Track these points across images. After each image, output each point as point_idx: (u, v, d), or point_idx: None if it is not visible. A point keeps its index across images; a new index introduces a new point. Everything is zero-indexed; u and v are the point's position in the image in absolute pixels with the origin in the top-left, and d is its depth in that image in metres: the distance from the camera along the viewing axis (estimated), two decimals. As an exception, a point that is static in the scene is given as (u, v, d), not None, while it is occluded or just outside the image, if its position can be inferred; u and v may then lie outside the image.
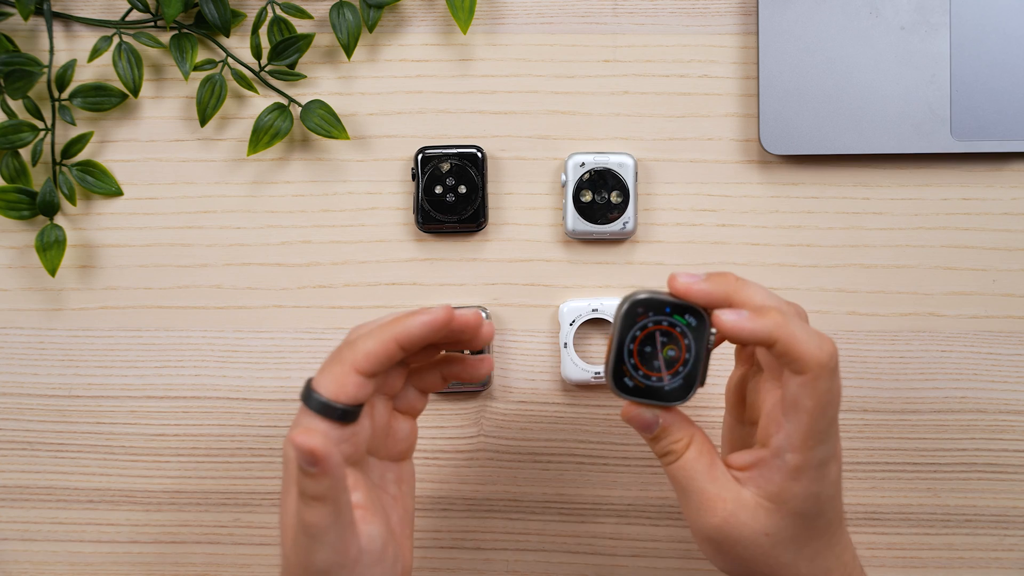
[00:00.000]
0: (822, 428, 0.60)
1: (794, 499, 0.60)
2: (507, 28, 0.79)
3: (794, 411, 0.59)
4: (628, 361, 0.62)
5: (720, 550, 0.62)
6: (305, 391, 0.61)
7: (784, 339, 0.59)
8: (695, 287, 0.61)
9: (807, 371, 0.59)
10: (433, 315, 0.61)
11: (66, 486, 0.81)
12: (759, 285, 0.62)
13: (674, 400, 0.62)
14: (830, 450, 0.61)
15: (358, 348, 0.61)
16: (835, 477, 0.62)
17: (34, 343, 0.81)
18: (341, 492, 0.59)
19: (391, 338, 0.61)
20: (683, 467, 0.62)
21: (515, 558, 0.81)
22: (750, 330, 0.59)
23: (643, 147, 0.79)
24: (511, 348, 0.80)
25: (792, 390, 0.59)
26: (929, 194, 0.79)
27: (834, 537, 0.63)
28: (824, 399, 0.59)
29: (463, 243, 0.80)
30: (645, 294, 0.62)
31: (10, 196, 0.78)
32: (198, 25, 0.78)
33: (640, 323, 0.62)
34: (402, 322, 0.61)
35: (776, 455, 0.60)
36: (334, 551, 0.60)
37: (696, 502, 0.62)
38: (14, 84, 0.76)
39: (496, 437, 0.80)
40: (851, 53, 0.77)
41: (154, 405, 0.81)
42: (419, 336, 0.61)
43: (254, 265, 0.80)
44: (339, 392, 0.61)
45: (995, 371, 0.79)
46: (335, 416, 0.61)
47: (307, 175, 0.80)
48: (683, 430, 0.63)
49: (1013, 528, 0.80)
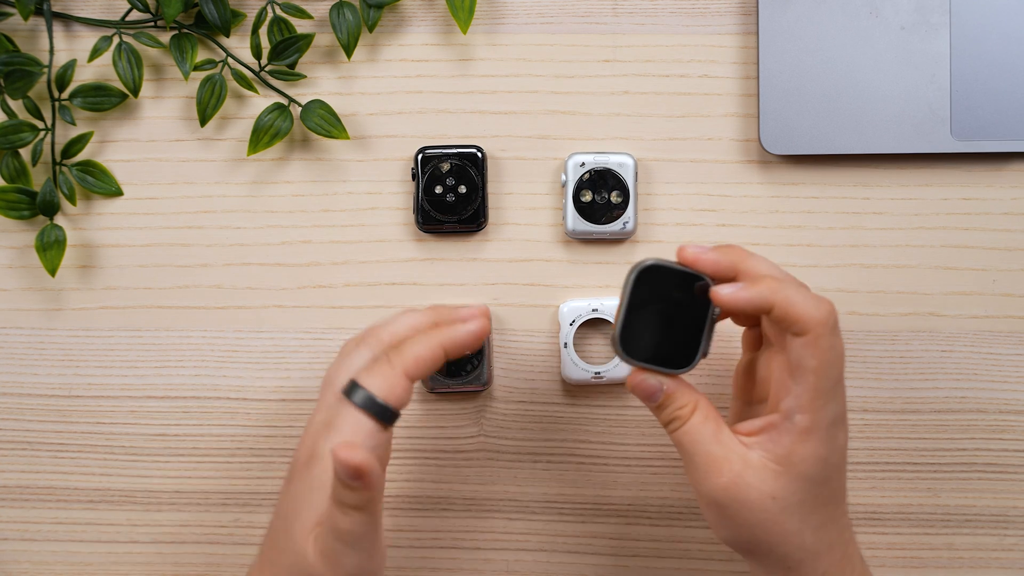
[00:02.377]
0: (828, 387, 0.61)
1: (803, 461, 0.61)
2: (507, 28, 0.79)
3: (800, 372, 0.61)
4: (635, 327, 0.63)
5: (726, 515, 0.62)
6: (351, 387, 0.61)
7: (780, 303, 0.60)
8: (704, 256, 0.63)
9: (807, 331, 0.60)
10: (480, 325, 0.63)
11: (66, 486, 0.81)
12: (765, 258, 0.63)
13: (678, 367, 0.63)
14: (838, 411, 0.62)
15: (407, 352, 0.62)
16: (842, 443, 0.63)
17: (34, 343, 0.81)
18: (379, 502, 0.60)
19: (439, 344, 0.63)
20: (688, 432, 0.63)
21: (515, 558, 0.81)
22: (746, 298, 0.61)
23: (643, 147, 0.79)
24: (511, 348, 0.80)
25: (796, 352, 0.61)
26: (929, 194, 0.79)
27: (838, 510, 0.64)
28: (827, 357, 0.60)
29: (463, 243, 0.80)
30: (653, 261, 0.63)
31: (10, 196, 0.78)
32: (198, 25, 0.78)
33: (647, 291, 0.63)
34: (451, 330, 0.63)
35: (786, 417, 0.61)
36: (368, 557, 0.60)
37: (703, 465, 0.62)
38: (14, 84, 0.76)
39: (496, 437, 0.80)
40: (851, 53, 0.77)
41: (154, 405, 0.81)
42: (466, 345, 0.63)
43: (254, 265, 0.80)
44: (389, 393, 0.61)
45: (995, 371, 0.79)
46: (381, 415, 0.61)
47: (307, 175, 0.80)
48: (687, 396, 0.63)
49: (1013, 528, 0.80)
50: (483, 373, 0.79)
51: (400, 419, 0.79)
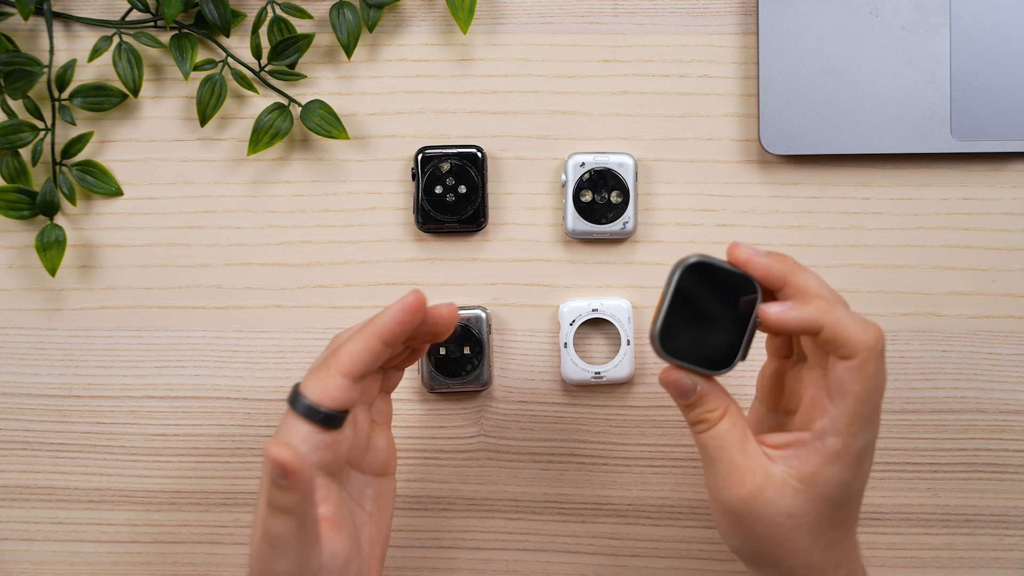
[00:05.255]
0: (867, 413, 0.60)
1: (826, 483, 0.61)
2: (507, 28, 0.79)
3: (840, 395, 0.60)
4: (676, 325, 0.62)
5: (739, 525, 0.62)
6: (292, 395, 0.61)
7: (830, 325, 0.59)
8: (755, 259, 0.61)
9: (855, 356, 0.59)
10: (403, 300, 0.62)
11: (66, 486, 0.81)
12: (815, 273, 0.62)
13: (715, 369, 0.62)
14: (870, 439, 0.61)
15: (342, 352, 0.61)
16: (867, 470, 0.62)
17: (34, 343, 0.81)
18: (308, 507, 0.59)
19: (372, 335, 0.62)
20: (715, 437, 0.62)
21: (515, 558, 0.81)
22: (795, 319, 0.60)
23: (643, 147, 0.79)
24: (511, 348, 0.80)
25: (839, 374, 0.60)
26: (929, 194, 0.79)
27: (849, 532, 0.63)
28: (871, 383, 0.60)
29: (463, 243, 0.80)
30: (701, 257, 0.61)
31: (10, 196, 0.78)
32: (198, 25, 0.78)
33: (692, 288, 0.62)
34: (379, 318, 0.62)
35: (818, 437, 0.60)
36: (294, 563, 0.59)
37: (725, 473, 0.62)
38: (14, 84, 0.76)
39: (496, 437, 0.80)
40: (851, 53, 0.77)
41: (154, 405, 0.81)
42: (398, 325, 0.62)
43: (254, 265, 0.80)
44: (323, 396, 0.60)
45: (995, 371, 0.79)
46: (319, 420, 0.60)
47: (307, 175, 0.80)
48: (719, 400, 0.62)
49: (1013, 528, 0.80)
50: (483, 373, 0.79)
51: (400, 419, 0.80)
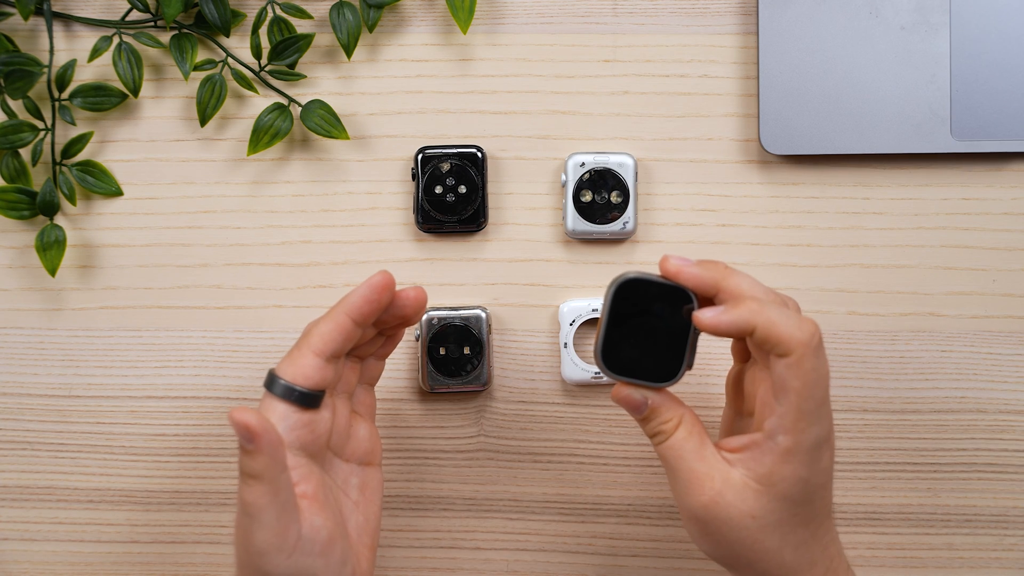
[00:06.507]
0: (812, 408, 0.60)
1: (783, 482, 0.61)
2: (507, 28, 0.79)
3: (783, 393, 0.60)
4: (615, 342, 0.63)
5: (706, 531, 0.62)
6: (268, 378, 0.63)
7: (763, 325, 0.60)
8: (686, 270, 0.62)
9: (790, 353, 0.60)
10: (370, 280, 0.64)
11: (66, 486, 0.81)
12: (748, 275, 0.62)
13: (662, 381, 0.63)
14: (822, 433, 0.61)
15: (313, 333, 0.64)
16: (826, 465, 0.62)
17: (34, 343, 0.81)
18: (279, 472, 0.60)
19: (341, 313, 0.64)
20: (672, 447, 0.63)
21: (515, 558, 0.81)
22: (727, 322, 0.60)
23: (643, 147, 0.79)
24: (511, 348, 0.80)
25: (779, 372, 0.60)
26: (929, 194, 0.79)
27: (820, 528, 0.63)
28: (810, 378, 0.60)
29: (463, 243, 0.80)
30: (634, 275, 0.62)
31: (10, 196, 0.78)
32: (198, 25, 0.78)
33: (628, 306, 0.63)
34: (348, 298, 0.64)
35: (769, 437, 0.61)
36: (272, 532, 0.60)
37: (684, 481, 0.62)
38: (14, 84, 0.76)
39: (496, 437, 0.80)
40: (851, 53, 0.77)
41: (154, 405, 0.81)
42: (366, 304, 0.64)
43: (254, 265, 0.80)
44: (297, 375, 0.63)
45: (995, 371, 0.79)
46: (295, 399, 0.62)
47: (307, 175, 0.80)
48: (672, 410, 0.63)
49: (1013, 528, 0.80)
50: (483, 373, 0.79)
51: (400, 418, 0.80)
